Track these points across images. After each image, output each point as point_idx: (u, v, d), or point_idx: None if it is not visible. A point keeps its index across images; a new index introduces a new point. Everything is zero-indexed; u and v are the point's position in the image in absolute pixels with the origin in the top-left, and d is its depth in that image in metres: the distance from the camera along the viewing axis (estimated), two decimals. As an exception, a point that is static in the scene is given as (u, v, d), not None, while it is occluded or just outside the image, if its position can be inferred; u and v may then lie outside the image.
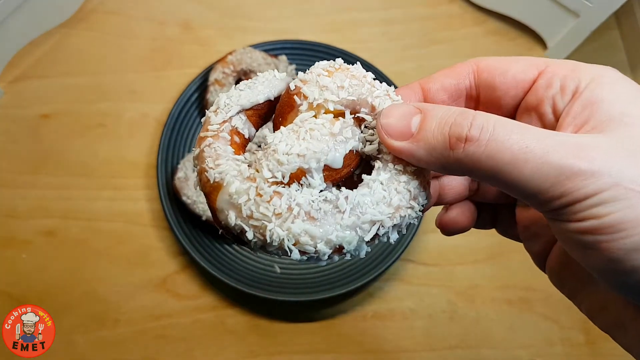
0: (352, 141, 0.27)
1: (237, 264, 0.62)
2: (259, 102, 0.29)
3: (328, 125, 0.27)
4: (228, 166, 0.26)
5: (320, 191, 0.26)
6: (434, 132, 0.24)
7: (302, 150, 0.26)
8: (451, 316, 0.64)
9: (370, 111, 0.27)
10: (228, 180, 0.25)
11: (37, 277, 0.63)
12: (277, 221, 0.25)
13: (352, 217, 0.25)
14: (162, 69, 0.75)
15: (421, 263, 0.66)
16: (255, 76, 0.29)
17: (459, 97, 0.30)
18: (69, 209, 0.67)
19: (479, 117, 0.23)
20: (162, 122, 0.70)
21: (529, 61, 0.28)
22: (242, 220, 0.25)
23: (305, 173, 0.26)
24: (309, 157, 0.26)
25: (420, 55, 0.77)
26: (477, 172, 0.23)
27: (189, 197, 0.60)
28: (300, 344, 0.62)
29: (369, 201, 0.25)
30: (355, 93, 0.27)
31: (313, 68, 0.28)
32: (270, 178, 0.25)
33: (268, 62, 0.66)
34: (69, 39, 0.76)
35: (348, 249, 0.25)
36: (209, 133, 0.27)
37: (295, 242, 0.25)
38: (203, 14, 0.79)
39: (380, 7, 0.80)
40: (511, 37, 0.78)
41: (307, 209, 0.25)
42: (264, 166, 0.26)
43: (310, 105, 0.27)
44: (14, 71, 0.73)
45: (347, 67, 0.28)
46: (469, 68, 0.29)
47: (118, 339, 0.61)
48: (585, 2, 0.69)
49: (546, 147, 0.22)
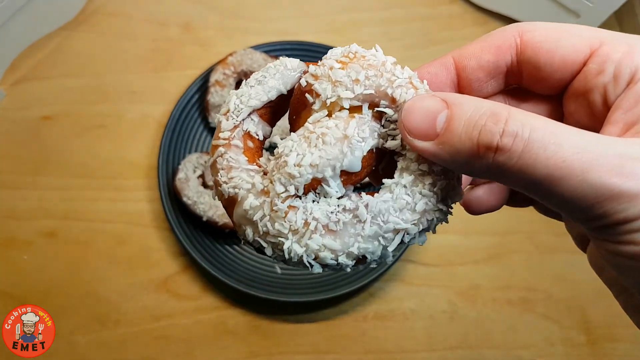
0: (370, 140, 0.24)
1: (237, 265, 0.62)
2: (270, 99, 0.27)
3: (342, 125, 0.24)
4: (241, 179, 0.25)
5: (338, 198, 0.24)
6: (461, 135, 0.21)
7: (314, 160, 0.23)
8: (452, 316, 0.64)
9: (391, 103, 0.25)
10: (242, 195, 0.24)
11: (38, 278, 0.64)
12: (294, 237, 0.23)
13: (373, 226, 0.23)
14: (163, 70, 0.75)
15: (422, 263, 0.66)
16: (266, 67, 0.27)
17: (499, 74, 0.27)
18: (70, 209, 0.67)
19: (513, 121, 0.20)
20: (163, 123, 0.70)
21: (580, 36, 0.24)
22: (259, 237, 0.24)
23: (321, 182, 0.24)
24: (322, 166, 0.24)
25: (420, 55, 0.77)
26: (508, 182, 0.21)
27: (190, 197, 0.60)
28: (301, 345, 0.62)
29: (392, 208, 0.23)
30: (373, 85, 0.25)
31: (325, 59, 0.26)
32: (283, 193, 0.23)
33: (268, 63, 0.66)
34: (70, 41, 0.76)
35: (372, 259, 0.24)
36: (220, 141, 0.26)
37: (315, 256, 0.23)
38: (203, 15, 0.79)
39: (381, 7, 0.80)
40: (511, 37, 0.78)
41: (324, 222, 0.23)
42: (275, 180, 0.24)
43: (324, 104, 0.25)
44: (15, 73, 0.73)
45: (363, 55, 0.26)
46: (511, 41, 0.26)
47: (119, 339, 0.61)
48: (586, 2, 0.69)
49: (585, 163, 0.19)
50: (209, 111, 0.66)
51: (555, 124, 0.21)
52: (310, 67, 0.26)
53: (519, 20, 0.77)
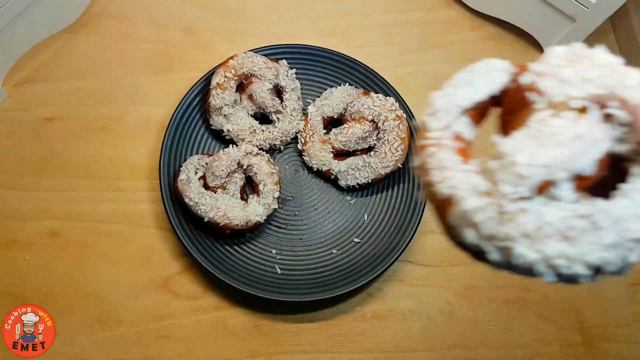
0: (605, 142, 0.23)
1: (238, 265, 0.63)
2: (481, 100, 0.26)
3: (575, 125, 0.23)
4: (458, 179, 0.24)
5: (570, 203, 0.23)
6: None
7: (546, 160, 0.22)
8: (449, 316, 0.65)
9: (622, 105, 0.23)
10: (461, 196, 0.23)
11: (40, 278, 0.64)
12: (526, 242, 0.22)
13: (612, 234, 0.21)
14: (164, 73, 0.76)
15: (420, 264, 0.67)
16: (469, 67, 0.26)
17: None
18: (72, 210, 0.67)
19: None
20: (164, 125, 0.71)
21: None
22: (482, 240, 0.23)
23: (552, 184, 0.22)
24: (555, 168, 0.22)
25: (418, 59, 0.78)
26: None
27: (191, 199, 0.61)
28: (301, 344, 0.63)
29: (631, 215, 0.21)
30: (603, 85, 0.23)
31: (549, 57, 0.24)
32: (511, 194, 0.22)
33: (269, 66, 0.67)
34: (72, 43, 0.77)
35: (610, 270, 0.22)
36: (429, 141, 0.25)
37: (548, 264, 0.22)
38: (204, 18, 0.80)
39: (380, 12, 0.81)
40: (508, 41, 0.80)
41: (559, 228, 0.22)
42: (501, 181, 0.22)
43: (550, 104, 0.24)
44: (18, 74, 0.74)
45: (590, 54, 0.24)
46: None
47: (120, 339, 0.62)
48: (582, 7, 0.70)
49: None
50: (210, 113, 0.67)
51: None
52: (530, 65, 0.25)
53: (515, 25, 0.78)
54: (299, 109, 0.69)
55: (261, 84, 0.66)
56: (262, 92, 0.66)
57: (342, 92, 0.68)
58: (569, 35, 0.74)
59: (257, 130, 0.67)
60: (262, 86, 0.66)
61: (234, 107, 0.67)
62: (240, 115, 0.67)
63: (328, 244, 0.66)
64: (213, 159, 0.63)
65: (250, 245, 0.65)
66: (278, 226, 0.66)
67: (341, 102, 0.67)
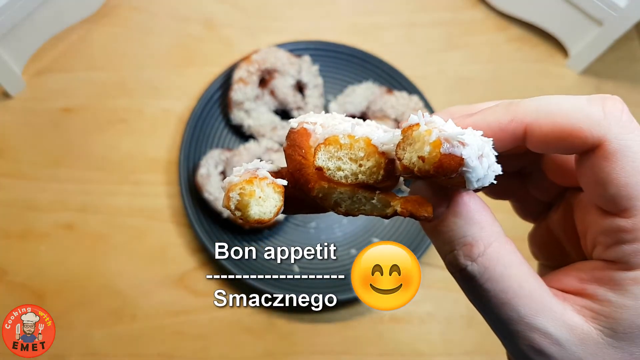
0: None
1: (255, 262, 0.62)
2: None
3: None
4: None
5: None
6: None
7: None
8: (469, 321, 0.63)
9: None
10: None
11: (54, 270, 0.63)
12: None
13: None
14: (184, 66, 0.75)
15: (440, 267, 0.65)
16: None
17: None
18: (89, 203, 0.67)
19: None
20: (184, 118, 0.70)
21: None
22: None
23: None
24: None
25: (442, 59, 0.77)
26: None
27: (211, 193, 0.60)
28: (317, 345, 0.62)
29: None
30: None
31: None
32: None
33: (292, 61, 0.66)
34: (92, 34, 0.76)
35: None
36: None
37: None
38: (226, 13, 0.79)
39: (404, 10, 0.80)
40: (533, 44, 0.78)
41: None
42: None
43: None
44: (37, 64, 0.73)
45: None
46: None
47: (135, 334, 0.61)
48: (610, 11, 0.69)
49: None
50: (231, 108, 0.66)
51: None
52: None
53: (541, 27, 0.77)
54: (320, 105, 0.68)
55: (283, 80, 0.66)
56: (284, 87, 0.66)
57: (365, 90, 0.67)
58: (595, 39, 0.73)
59: (278, 127, 0.66)
60: (284, 82, 0.66)
61: (255, 102, 0.66)
62: (261, 111, 0.66)
63: (346, 243, 0.65)
64: (233, 154, 0.63)
65: (268, 243, 0.64)
66: (297, 224, 0.65)
67: (364, 99, 0.67)
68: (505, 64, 0.77)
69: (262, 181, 0.25)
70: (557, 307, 0.24)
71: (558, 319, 0.24)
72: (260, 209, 0.25)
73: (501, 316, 0.24)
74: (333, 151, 0.25)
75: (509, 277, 0.24)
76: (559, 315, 0.24)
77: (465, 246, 0.25)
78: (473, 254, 0.24)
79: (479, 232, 0.25)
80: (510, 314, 0.24)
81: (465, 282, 0.25)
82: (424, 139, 0.22)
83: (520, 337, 0.24)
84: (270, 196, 0.25)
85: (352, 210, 0.26)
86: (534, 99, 0.25)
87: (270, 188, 0.25)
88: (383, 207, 0.25)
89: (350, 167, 0.25)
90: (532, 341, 0.24)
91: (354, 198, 0.26)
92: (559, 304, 0.24)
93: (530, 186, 0.32)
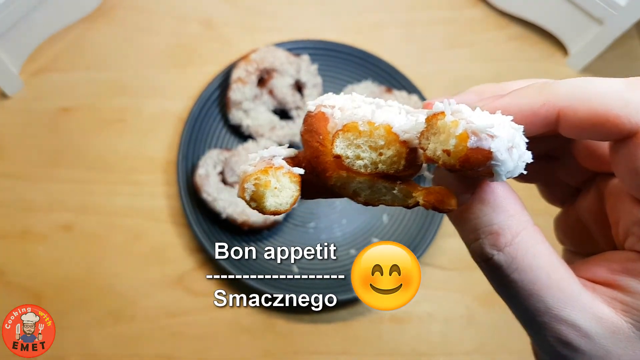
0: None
1: (254, 263, 0.62)
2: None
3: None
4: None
5: None
6: None
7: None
8: (469, 321, 0.63)
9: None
10: None
11: (53, 271, 0.63)
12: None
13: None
14: (183, 66, 0.74)
15: (439, 267, 0.65)
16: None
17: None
18: (87, 203, 0.66)
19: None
20: (182, 118, 0.70)
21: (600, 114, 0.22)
22: None
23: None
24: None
25: (442, 58, 0.76)
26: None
27: (210, 194, 0.60)
28: (316, 345, 0.61)
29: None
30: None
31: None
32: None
33: (291, 61, 0.66)
34: (90, 33, 0.76)
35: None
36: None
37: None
38: (224, 12, 0.78)
39: (403, 9, 0.80)
40: (533, 42, 0.78)
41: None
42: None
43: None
44: (34, 64, 0.73)
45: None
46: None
47: (133, 334, 0.61)
48: (610, 10, 0.69)
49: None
50: (230, 108, 0.66)
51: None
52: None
53: (541, 25, 0.77)
54: (319, 105, 0.67)
55: (282, 79, 0.65)
56: (283, 87, 0.65)
57: (364, 89, 0.67)
58: (595, 38, 0.73)
59: (277, 126, 0.66)
60: (283, 81, 0.65)
61: (253, 102, 0.66)
62: (260, 111, 0.66)
63: (346, 243, 0.64)
64: (232, 154, 0.62)
65: (268, 243, 0.64)
66: (296, 224, 0.65)
67: (363, 99, 0.66)
68: (505, 63, 0.77)
69: (278, 171, 0.24)
70: (586, 298, 0.23)
71: (587, 310, 0.23)
72: (276, 200, 0.24)
73: (528, 307, 0.23)
74: (352, 138, 0.24)
75: (537, 268, 0.23)
76: (587, 307, 0.23)
77: (491, 235, 0.24)
78: (500, 243, 0.23)
79: (506, 221, 0.24)
80: (537, 305, 0.23)
81: (491, 272, 0.24)
82: (450, 130, 0.21)
83: (547, 328, 0.23)
84: (286, 186, 0.24)
85: (372, 200, 0.25)
86: (567, 81, 0.23)
87: (287, 178, 0.24)
88: (405, 198, 0.24)
89: (370, 156, 0.24)
90: (560, 333, 0.23)
91: (373, 188, 0.25)
92: (588, 294, 0.23)
93: (559, 170, 0.31)
